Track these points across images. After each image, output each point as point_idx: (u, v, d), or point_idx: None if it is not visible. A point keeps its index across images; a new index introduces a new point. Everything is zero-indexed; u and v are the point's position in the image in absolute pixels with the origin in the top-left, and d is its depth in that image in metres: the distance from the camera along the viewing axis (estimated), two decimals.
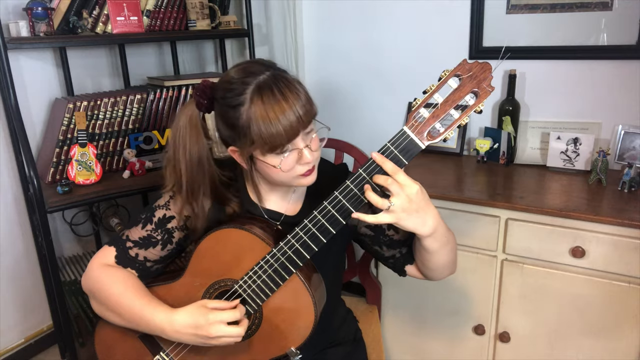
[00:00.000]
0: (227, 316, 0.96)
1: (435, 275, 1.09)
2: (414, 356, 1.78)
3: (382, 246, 1.12)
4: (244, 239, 1.00)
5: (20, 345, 2.05)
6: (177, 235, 1.11)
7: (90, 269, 1.09)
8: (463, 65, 0.88)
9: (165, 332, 1.00)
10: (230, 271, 1.02)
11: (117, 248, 1.10)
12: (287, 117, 0.91)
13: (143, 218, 1.10)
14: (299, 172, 0.98)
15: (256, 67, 0.96)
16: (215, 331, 0.95)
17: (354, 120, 2.26)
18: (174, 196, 1.09)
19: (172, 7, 1.91)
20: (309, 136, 0.97)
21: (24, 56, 1.85)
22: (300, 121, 0.92)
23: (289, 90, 0.92)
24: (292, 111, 0.91)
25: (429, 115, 0.89)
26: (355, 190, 0.92)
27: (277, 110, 0.90)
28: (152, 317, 1.00)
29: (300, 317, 0.99)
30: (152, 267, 1.11)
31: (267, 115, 0.90)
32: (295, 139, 0.94)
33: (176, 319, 0.98)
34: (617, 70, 1.71)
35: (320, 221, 0.94)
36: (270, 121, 0.90)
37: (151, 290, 1.09)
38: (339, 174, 1.13)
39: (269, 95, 0.91)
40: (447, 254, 1.03)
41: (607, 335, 1.44)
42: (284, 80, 0.94)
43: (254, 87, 0.92)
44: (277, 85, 0.92)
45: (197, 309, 0.98)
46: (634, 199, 1.47)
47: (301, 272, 0.98)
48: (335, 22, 2.20)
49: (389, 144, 0.90)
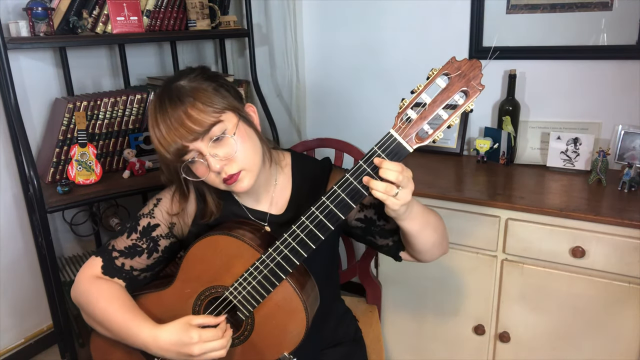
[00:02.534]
0: (211, 335, 0.96)
1: (426, 257, 1.09)
2: (414, 356, 1.78)
3: (375, 236, 1.13)
4: (232, 245, 0.99)
5: (20, 345, 2.05)
6: (163, 243, 1.11)
7: (78, 282, 1.08)
8: (452, 63, 0.85)
9: (149, 349, 0.99)
10: (220, 278, 1.01)
11: (104, 258, 1.09)
12: (162, 133, 0.94)
13: (128, 227, 1.11)
14: (219, 180, 0.98)
15: (170, 79, 1.00)
16: (198, 350, 0.95)
17: (353, 120, 2.26)
18: (158, 204, 1.11)
19: (172, 7, 1.91)
20: (219, 141, 0.96)
21: (24, 56, 1.85)
22: (178, 134, 0.93)
23: (170, 104, 0.94)
24: (167, 127, 0.94)
25: (417, 117, 0.86)
26: (342, 196, 0.90)
27: (154, 126, 0.96)
28: (136, 332, 1.00)
29: (292, 323, 0.99)
30: (140, 275, 1.11)
31: (151, 130, 0.97)
32: (191, 148, 0.95)
33: (160, 336, 0.98)
34: (617, 70, 1.71)
35: (309, 227, 0.93)
36: (152, 137, 0.96)
37: (142, 297, 1.08)
38: (324, 169, 1.13)
39: (153, 108, 0.97)
40: (430, 234, 1.03)
41: (607, 335, 1.44)
42: (171, 93, 0.95)
43: (151, 100, 1.00)
44: (161, 99, 0.96)
45: (181, 326, 0.97)
46: (634, 199, 1.47)
47: (292, 277, 0.97)
48: (335, 22, 2.20)
49: (375, 148, 0.88)
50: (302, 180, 1.12)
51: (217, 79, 1.01)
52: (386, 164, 0.86)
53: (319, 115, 2.35)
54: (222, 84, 1.01)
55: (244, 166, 0.98)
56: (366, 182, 0.88)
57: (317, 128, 2.36)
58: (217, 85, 0.99)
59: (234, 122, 0.98)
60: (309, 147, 1.70)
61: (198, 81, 0.98)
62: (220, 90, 0.99)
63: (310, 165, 1.15)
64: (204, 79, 0.99)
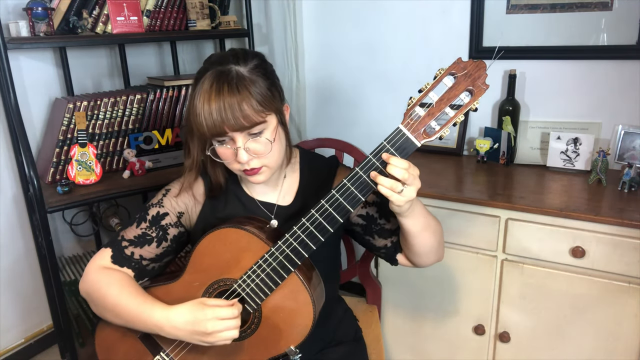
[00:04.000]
0: (225, 312, 0.96)
1: (422, 261, 1.11)
2: (414, 356, 1.78)
3: (374, 235, 1.14)
4: (242, 238, 1.00)
5: (20, 345, 2.05)
6: (172, 232, 1.13)
7: (87, 272, 1.10)
8: (458, 63, 0.89)
9: (163, 329, 1.00)
10: (229, 270, 1.02)
11: (113, 248, 1.11)
12: (211, 112, 0.94)
13: (137, 217, 1.13)
14: (239, 167, 1.02)
15: (228, 58, 0.99)
16: (212, 326, 0.95)
17: (353, 120, 2.26)
18: (167, 194, 1.13)
19: (172, 7, 1.91)
20: (256, 137, 0.99)
21: (24, 56, 1.85)
22: (225, 121, 0.94)
23: (229, 90, 0.95)
24: (218, 109, 0.94)
25: (425, 114, 0.90)
26: (352, 189, 0.92)
27: (205, 102, 0.95)
28: (149, 314, 1.01)
29: (299, 316, 0.99)
30: (149, 265, 1.12)
31: (199, 102, 0.96)
32: (229, 135, 0.97)
33: (174, 316, 0.99)
34: (617, 70, 1.71)
35: (318, 219, 0.95)
36: (197, 108, 0.96)
37: (151, 290, 1.09)
38: (331, 165, 1.17)
39: (209, 86, 0.96)
40: (429, 237, 1.05)
41: (607, 335, 1.44)
42: (232, 78, 0.96)
43: (208, 74, 0.97)
44: (220, 80, 0.95)
45: (195, 305, 0.98)
46: (634, 199, 1.47)
47: (300, 270, 0.98)
48: (335, 22, 2.20)
49: (385, 142, 0.91)
50: (310, 174, 1.15)
51: (272, 76, 1.04)
52: (393, 159, 0.89)
53: (319, 115, 2.35)
54: (274, 82, 1.03)
55: (267, 163, 1.02)
56: (373, 177, 0.91)
57: (317, 128, 2.36)
58: (270, 83, 1.01)
59: (274, 124, 1.01)
60: (308, 147, 1.69)
61: (257, 74, 0.99)
62: (273, 90, 1.01)
63: (318, 161, 1.19)
64: (262, 73, 1.00)
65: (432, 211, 1.58)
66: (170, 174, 1.75)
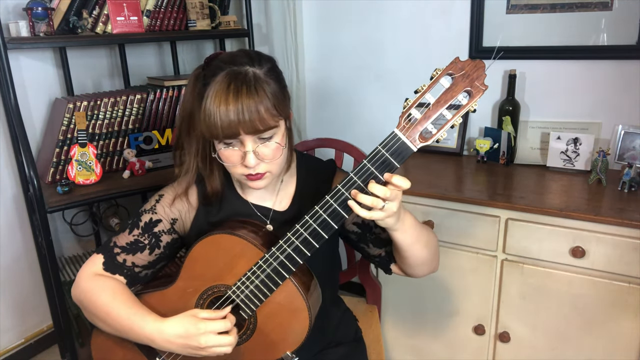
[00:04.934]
0: (218, 326, 0.95)
1: (415, 272, 1.10)
2: (414, 356, 1.78)
3: (369, 244, 1.13)
4: (236, 244, 0.99)
5: (20, 345, 2.05)
6: (165, 239, 1.11)
7: (79, 279, 1.08)
8: (455, 63, 0.85)
9: (155, 342, 0.99)
10: (223, 277, 1.01)
11: (105, 255, 1.09)
12: (228, 114, 0.91)
13: (130, 224, 1.11)
14: (243, 172, 0.99)
15: (242, 59, 0.97)
16: (205, 341, 0.94)
17: (353, 120, 2.26)
18: (160, 200, 1.12)
19: (172, 7, 1.91)
20: (265, 142, 0.97)
21: (24, 56, 1.85)
22: (241, 123, 0.92)
23: (247, 92, 0.92)
24: (236, 111, 0.91)
25: (421, 117, 0.86)
26: (346, 195, 0.90)
27: (222, 102, 0.91)
28: (141, 326, 1.00)
29: (295, 322, 0.99)
30: (141, 272, 1.10)
31: (213, 102, 0.92)
32: (240, 138, 0.94)
33: (166, 328, 0.97)
34: (617, 70, 1.71)
35: (312, 225, 0.93)
36: (211, 108, 0.92)
37: (144, 297, 1.08)
38: (328, 170, 1.15)
39: (226, 86, 0.92)
40: (421, 249, 1.03)
41: (607, 335, 1.44)
42: (250, 80, 0.93)
43: (223, 74, 0.94)
44: (237, 81, 0.93)
45: (187, 318, 0.97)
46: (634, 199, 1.47)
47: (294, 276, 0.97)
48: (335, 22, 2.20)
49: (379, 147, 0.88)
50: (307, 178, 1.14)
51: (284, 81, 1.02)
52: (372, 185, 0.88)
53: (319, 115, 2.35)
54: (285, 87, 1.02)
55: (271, 169, 1.00)
56: (354, 195, 0.89)
57: (317, 128, 2.36)
58: (283, 87, 1.00)
59: (283, 129, 0.99)
60: (308, 147, 1.70)
61: (272, 77, 0.97)
62: (285, 94, 1.00)
63: (315, 165, 1.17)
64: (276, 77, 0.99)
65: (432, 211, 1.59)
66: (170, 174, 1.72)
